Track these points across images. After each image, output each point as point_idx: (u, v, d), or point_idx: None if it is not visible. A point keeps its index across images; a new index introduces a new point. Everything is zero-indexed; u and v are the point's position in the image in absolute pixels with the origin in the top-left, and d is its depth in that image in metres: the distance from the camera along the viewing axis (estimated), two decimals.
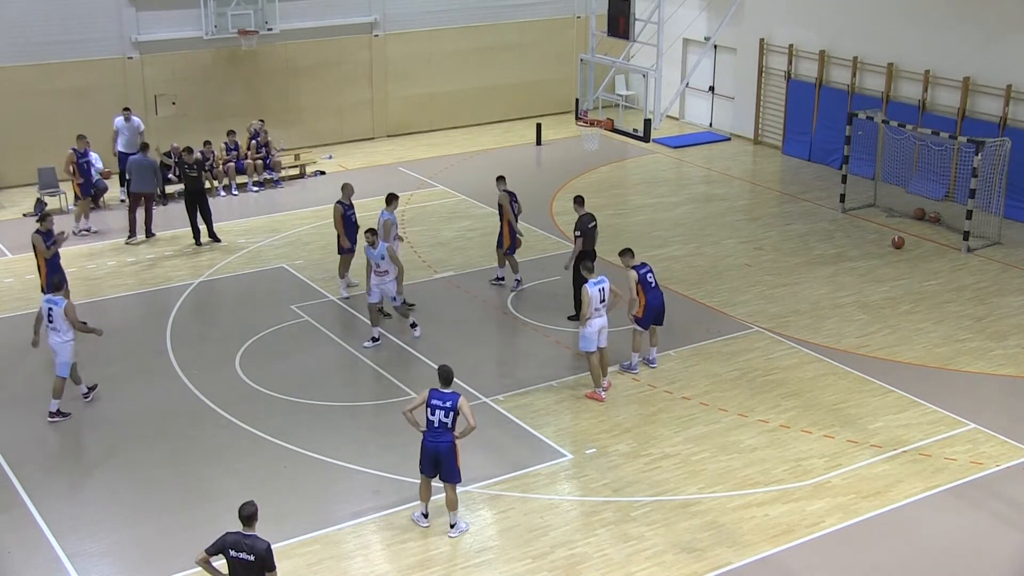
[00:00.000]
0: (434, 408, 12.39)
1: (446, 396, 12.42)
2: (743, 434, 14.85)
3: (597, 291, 15.56)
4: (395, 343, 17.49)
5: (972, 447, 14.50)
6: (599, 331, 15.66)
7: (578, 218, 17.86)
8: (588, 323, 15.54)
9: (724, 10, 26.08)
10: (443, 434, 12.44)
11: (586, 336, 15.64)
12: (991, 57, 23.15)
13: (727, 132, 29.74)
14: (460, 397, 12.43)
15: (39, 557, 12.33)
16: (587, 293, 15.49)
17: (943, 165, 23.79)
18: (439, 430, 12.44)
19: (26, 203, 23.92)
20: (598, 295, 15.55)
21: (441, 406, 12.38)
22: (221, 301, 19.61)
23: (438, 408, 12.38)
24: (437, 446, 12.46)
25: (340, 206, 18.90)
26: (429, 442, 12.50)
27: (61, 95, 25.34)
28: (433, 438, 12.48)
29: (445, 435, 12.45)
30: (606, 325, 15.74)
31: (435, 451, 12.48)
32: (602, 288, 15.61)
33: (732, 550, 12.38)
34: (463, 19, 29.82)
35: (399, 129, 29.73)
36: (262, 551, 9.99)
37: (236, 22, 26.32)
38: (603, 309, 15.63)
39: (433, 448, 12.48)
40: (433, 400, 12.42)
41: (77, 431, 15.07)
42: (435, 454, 12.49)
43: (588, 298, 15.47)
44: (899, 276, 20.23)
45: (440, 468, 12.58)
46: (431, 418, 12.43)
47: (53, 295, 15.26)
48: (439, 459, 12.51)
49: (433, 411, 12.40)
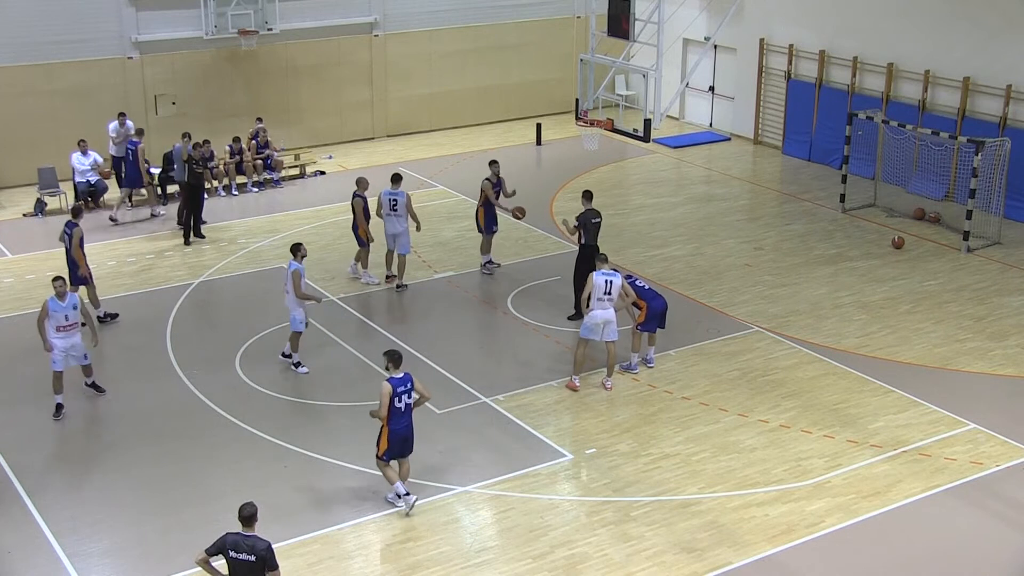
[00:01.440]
0: (400, 395, 12.67)
1: (405, 379, 12.75)
2: (743, 434, 14.85)
3: (603, 281, 15.52)
4: (396, 343, 17.48)
5: (972, 447, 14.50)
6: (603, 324, 15.63)
7: (583, 211, 17.83)
8: (590, 313, 15.54)
9: (724, 10, 26.13)
10: (408, 415, 12.85)
11: (586, 324, 15.68)
12: (991, 57, 23.15)
13: (727, 132, 29.74)
14: (411, 375, 12.84)
15: (39, 557, 12.33)
16: (592, 280, 15.49)
17: (943, 165, 23.79)
18: (405, 413, 12.80)
19: (26, 203, 23.92)
20: (603, 285, 15.50)
21: (405, 390, 12.72)
22: (221, 301, 19.61)
23: (403, 393, 12.70)
24: (407, 428, 12.87)
25: (361, 199, 19.21)
26: (402, 427, 12.82)
27: (61, 95, 25.34)
28: (406, 422, 12.82)
29: (409, 415, 12.86)
30: (612, 320, 15.70)
31: (407, 434, 12.87)
32: (609, 281, 15.55)
33: (732, 550, 12.38)
34: (463, 19, 29.82)
35: (399, 129, 29.73)
36: (262, 551, 9.98)
37: (236, 22, 26.32)
38: (607, 302, 15.59)
39: (406, 431, 12.84)
40: (398, 388, 12.67)
41: (77, 431, 15.08)
42: (405, 436, 12.87)
43: (592, 285, 15.46)
44: (899, 276, 20.23)
45: (407, 445, 12.98)
46: (398, 405, 12.68)
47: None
48: (407, 438, 12.91)
49: (399, 398, 12.67)
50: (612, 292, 15.56)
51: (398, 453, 12.97)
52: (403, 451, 12.99)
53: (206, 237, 22.09)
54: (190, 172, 21.91)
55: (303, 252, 16.37)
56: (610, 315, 15.66)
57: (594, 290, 15.49)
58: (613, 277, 15.60)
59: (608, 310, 15.62)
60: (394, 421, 12.72)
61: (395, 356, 12.84)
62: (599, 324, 15.65)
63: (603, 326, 15.68)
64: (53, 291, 15.20)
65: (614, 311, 15.71)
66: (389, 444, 12.84)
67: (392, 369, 12.75)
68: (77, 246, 17.76)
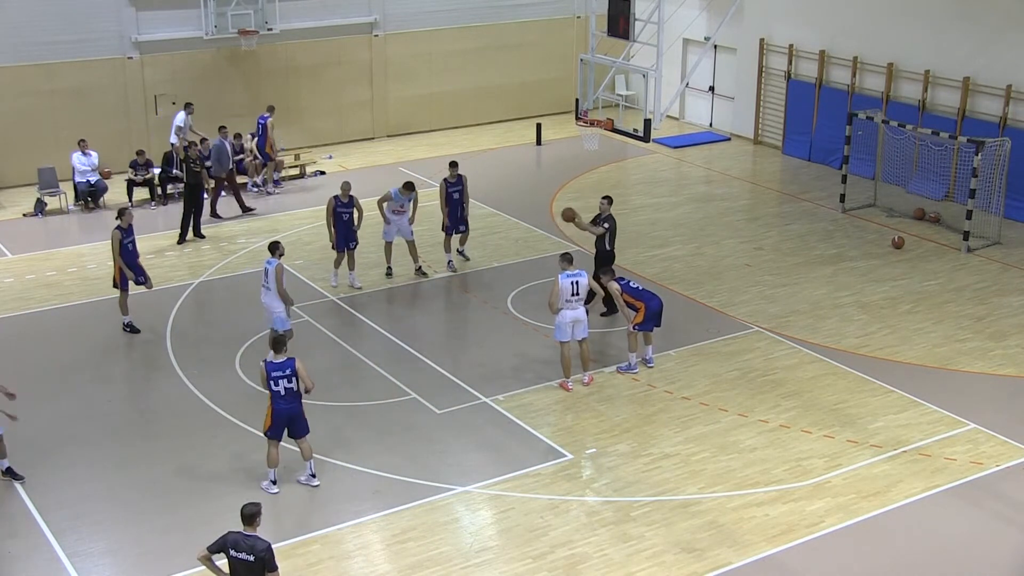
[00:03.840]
0: (276, 379, 13.06)
1: (283, 364, 13.08)
2: (743, 434, 14.85)
3: (569, 284, 15.68)
4: (396, 343, 17.49)
5: (972, 447, 14.50)
6: (572, 323, 15.79)
7: (607, 214, 17.94)
8: (560, 313, 15.70)
9: (724, 10, 26.10)
10: (292, 399, 13.19)
11: (558, 325, 15.84)
12: (991, 57, 23.15)
13: (727, 132, 29.73)
14: (296, 361, 13.14)
15: (39, 557, 12.33)
16: (557, 285, 15.63)
17: (943, 165, 23.78)
18: (286, 396, 13.15)
19: (26, 203, 23.92)
20: (570, 287, 15.66)
21: (282, 375, 13.07)
22: (221, 301, 19.60)
23: (280, 378, 13.06)
24: (290, 410, 13.24)
25: (333, 200, 19.22)
26: (283, 408, 13.18)
27: (61, 95, 25.34)
28: (287, 405, 13.20)
29: (294, 399, 13.21)
30: (582, 319, 15.84)
31: (289, 415, 13.26)
32: (575, 282, 15.69)
33: (732, 550, 12.38)
34: (463, 19, 29.81)
35: (399, 129, 29.73)
36: (261, 552, 9.97)
37: (236, 22, 26.33)
38: (576, 302, 15.70)
39: (287, 412, 13.23)
40: (272, 372, 13.05)
41: (77, 431, 15.06)
42: (288, 417, 13.27)
43: (558, 289, 15.60)
44: (899, 276, 20.23)
45: (291, 428, 13.37)
46: (275, 388, 13.08)
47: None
48: (292, 420, 13.32)
49: (276, 381, 13.06)
50: (580, 292, 15.72)
51: (282, 432, 13.37)
52: (293, 432, 13.44)
53: (206, 237, 22.08)
54: (189, 171, 21.93)
55: (281, 250, 16.47)
56: (580, 314, 15.85)
57: (561, 292, 15.63)
58: (579, 277, 15.74)
59: (577, 310, 15.80)
60: (275, 401, 13.18)
61: (274, 341, 13.49)
62: (569, 324, 15.80)
63: (573, 325, 15.82)
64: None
65: (584, 310, 15.91)
66: (272, 422, 13.28)
67: (273, 354, 13.20)
68: (114, 250, 17.44)
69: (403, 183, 19.69)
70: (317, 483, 13.55)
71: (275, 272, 16.11)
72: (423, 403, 15.64)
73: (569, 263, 15.88)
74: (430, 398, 15.76)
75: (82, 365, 16.09)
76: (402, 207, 19.62)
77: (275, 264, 16.14)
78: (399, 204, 19.59)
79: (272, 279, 16.15)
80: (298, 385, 13.16)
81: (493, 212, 23.32)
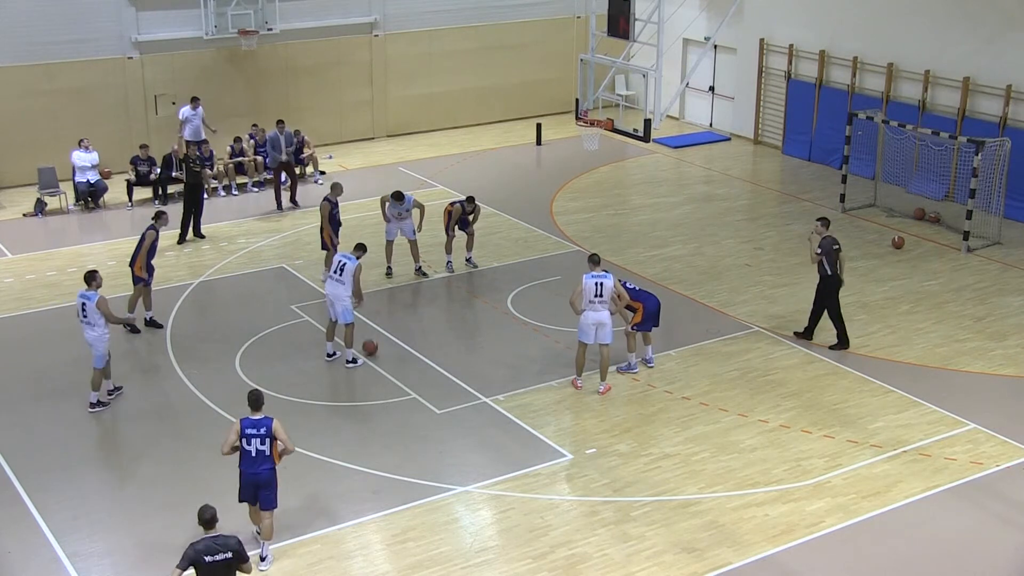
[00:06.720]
0: (249, 437, 11.80)
1: (259, 422, 11.86)
2: (743, 434, 14.85)
3: (594, 284, 15.51)
4: (396, 343, 17.49)
5: (972, 447, 14.50)
6: (595, 326, 15.63)
7: (823, 237, 17.19)
8: (583, 315, 15.60)
9: (724, 10, 26.13)
10: (262, 463, 11.88)
11: (581, 327, 15.74)
12: (991, 57, 23.15)
13: (727, 132, 29.74)
14: (273, 421, 11.88)
15: (39, 557, 12.33)
16: (581, 283, 15.53)
17: (943, 165, 23.78)
18: (256, 459, 11.85)
19: (26, 203, 23.92)
20: (594, 288, 15.50)
21: (256, 434, 11.80)
22: (221, 301, 19.60)
23: (253, 437, 11.80)
24: (256, 476, 11.91)
25: (328, 203, 19.40)
26: (249, 472, 11.91)
27: (61, 95, 25.34)
28: (251, 468, 11.89)
29: (264, 463, 11.89)
30: (606, 322, 15.66)
31: (254, 481, 11.94)
32: (600, 283, 15.52)
33: (732, 550, 12.38)
34: (463, 19, 29.81)
35: (399, 129, 29.73)
36: (236, 546, 10.19)
37: (236, 22, 26.31)
38: (599, 304, 15.57)
39: (252, 478, 11.93)
40: (247, 429, 11.82)
41: (77, 431, 15.06)
42: (255, 483, 11.95)
43: (581, 289, 15.49)
44: (899, 276, 20.23)
45: (258, 495, 12.04)
46: (247, 448, 11.82)
47: (85, 290, 15.48)
48: (258, 487, 11.97)
49: (248, 440, 11.80)
50: (604, 294, 15.51)
51: (250, 499, 12.11)
52: (256, 500, 12.06)
53: (206, 237, 22.09)
54: (188, 171, 21.94)
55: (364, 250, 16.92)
56: (603, 317, 15.60)
57: (584, 293, 15.49)
58: (604, 279, 15.56)
59: (601, 312, 15.59)
60: (243, 463, 11.93)
61: (251, 398, 12.04)
62: (592, 326, 15.64)
63: (596, 328, 15.66)
64: None
65: (608, 314, 15.68)
66: (240, 485, 12.06)
67: (252, 411, 12.00)
68: (146, 248, 17.80)
69: (392, 192, 19.77)
70: (265, 568, 11.99)
71: (354, 269, 16.45)
72: (423, 403, 15.64)
73: (596, 264, 15.76)
74: (430, 398, 15.76)
75: (82, 365, 16.06)
76: (399, 215, 19.73)
77: (355, 263, 16.48)
78: (396, 212, 19.70)
79: (348, 275, 16.41)
80: (271, 449, 11.87)
81: (493, 212, 23.31)
